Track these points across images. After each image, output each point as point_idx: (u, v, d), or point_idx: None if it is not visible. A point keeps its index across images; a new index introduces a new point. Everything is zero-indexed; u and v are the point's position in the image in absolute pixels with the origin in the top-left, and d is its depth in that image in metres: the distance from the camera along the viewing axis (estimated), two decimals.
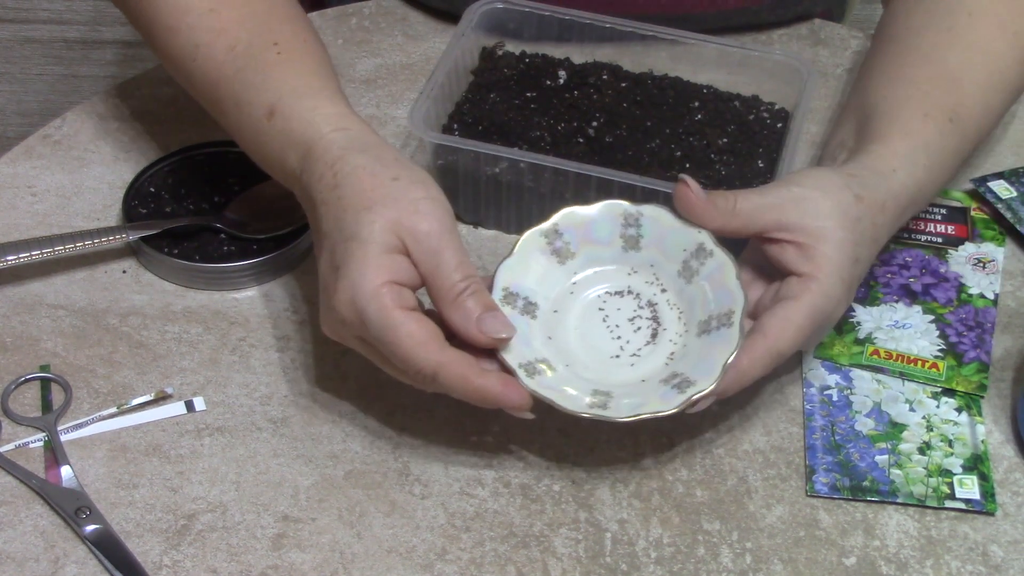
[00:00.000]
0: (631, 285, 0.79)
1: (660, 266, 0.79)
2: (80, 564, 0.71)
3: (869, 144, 0.82)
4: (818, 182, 0.78)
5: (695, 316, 0.77)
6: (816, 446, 0.78)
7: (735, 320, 0.74)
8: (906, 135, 0.83)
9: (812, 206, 0.76)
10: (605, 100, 0.92)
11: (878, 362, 0.82)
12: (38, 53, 1.80)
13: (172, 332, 0.83)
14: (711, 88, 0.94)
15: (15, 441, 0.77)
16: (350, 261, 0.72)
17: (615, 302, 0.79)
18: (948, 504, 0.75)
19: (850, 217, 0.77)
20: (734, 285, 0.76)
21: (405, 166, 0.75)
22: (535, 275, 0.78)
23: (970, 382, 0.81)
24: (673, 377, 0.74)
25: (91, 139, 0.95)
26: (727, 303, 0.76)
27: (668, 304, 0.78)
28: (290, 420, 0.78)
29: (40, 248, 0.83)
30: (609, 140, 0.89)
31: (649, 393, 0.73)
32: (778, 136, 0.91)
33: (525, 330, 0.76)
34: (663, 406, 0.72)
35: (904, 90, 0.85)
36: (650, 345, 0.77)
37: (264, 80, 0.80)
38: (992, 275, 0.88)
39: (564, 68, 0.94)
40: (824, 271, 0.75)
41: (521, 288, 0.77)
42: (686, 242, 0.78)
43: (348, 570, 0.71)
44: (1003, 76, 0.88)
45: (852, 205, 0.77)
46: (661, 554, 0.73)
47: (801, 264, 0.76)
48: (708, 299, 0.77)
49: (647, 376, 0.75)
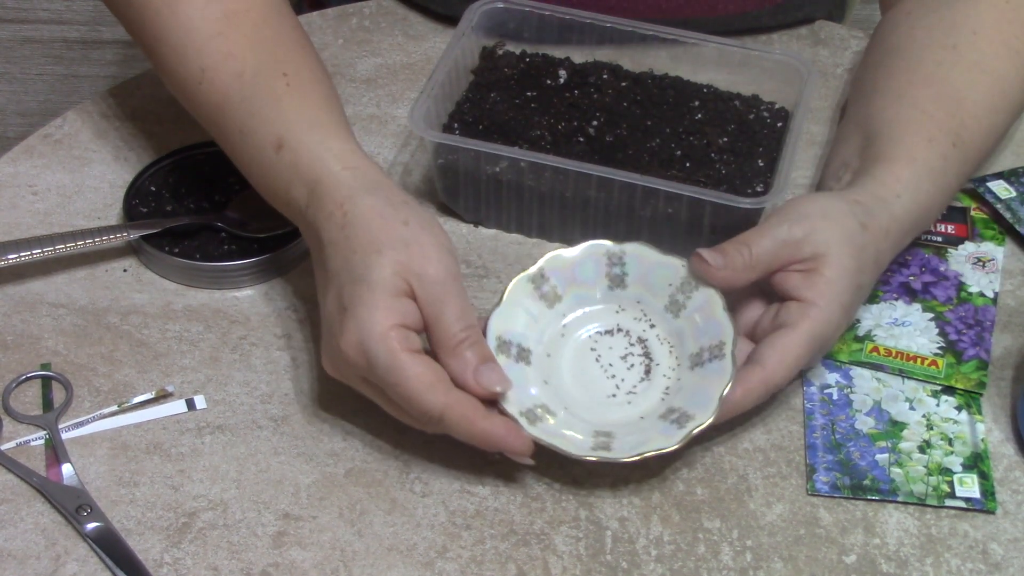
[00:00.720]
0: (620, 323, 0.80)
1: (647, 302, 0.80)
2: (81, 562, 0.71)
3: (873, 167, 0.83)
4: (824, 210, 0.78)
5: (686, 349, 0.78)
6: (816, 445, 0.78)
7: (726, 352, 0.75)
8: (910, 160, 0.83)
9: (820, 236, 0.77)
10: (605, 99, 0.92)
11: (877, 359, 0.82)
12: (38, 53, 1.80)
13: (173, 331, 0.83)
14: (711, 88, 0.94)
15: (16, 439, 0.77)
16: (358, 304, 0.72)
17: (606, 341, 0.80)
18: (948, 503, 0.75)
19: (855, 245, 0.77)
20: (722, 317, 0.77)
21: (415, 210, 0.76)
22: (525, 321, 0.79)
23: (969, 379, 0.81)
24: (671, 412, 0.75)
25: (92, 138, 0.95)
26: (717, 335, 0.77)
27: (658, 339, 0.79)
28: (291, 418, 0.79)
29: (41, 247, 0.83)
30: (609, 139, 0.89)
31: (649, 430, 0.75)
32: (778, 135, 0.91)
33: (522, 377, 0.77)
34: (665, 442, 0.73)
35: (908, 111, 0.85)
36: (645, 381, 0.78)
37: (272, 111, 0.80)
38: (992, 274, 0.88)
39: (564, 68, 0.94)
40: (825, 298, 0.76)
41: (513, 335, 0.78)
42: (671, 276, 0.79)
43: (349, 568, 0.72)
44: (1006, 96, 0.88)
45: (858, 233, 0.78)
46: (661, 552, 0.73)
47: (803, 290, 0.76)
48: (698, 331, 0.78)
49: (645, 413, 0.77)
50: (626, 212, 0.85)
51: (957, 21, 0.89)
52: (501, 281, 0.86)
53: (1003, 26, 0.89)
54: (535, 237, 0.90)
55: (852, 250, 0.77)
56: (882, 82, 0.89)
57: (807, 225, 0.77)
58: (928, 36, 0.89)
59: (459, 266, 0.75)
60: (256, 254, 0.85)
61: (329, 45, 1.04)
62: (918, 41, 0.89)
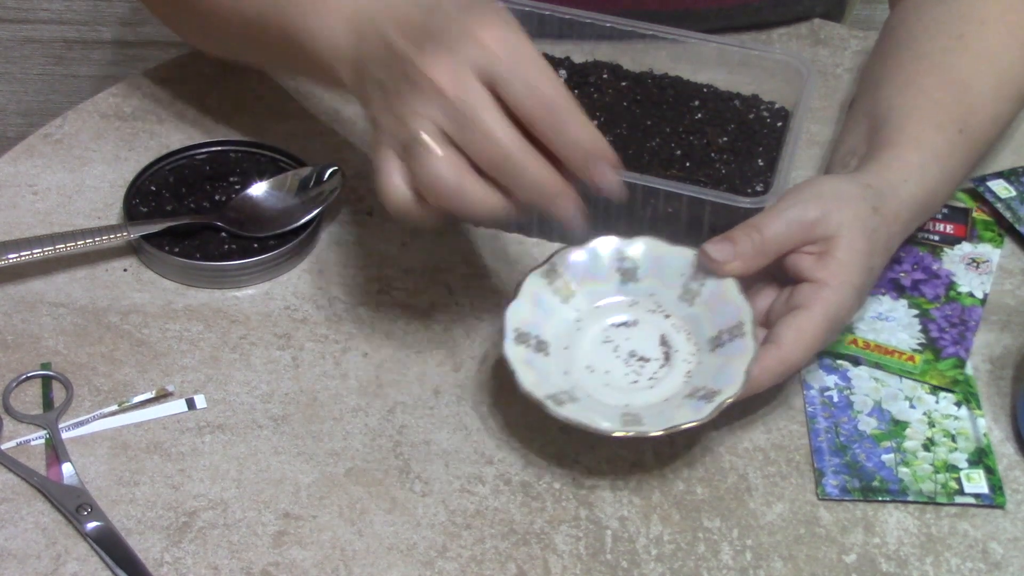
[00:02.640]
0: (635, 316, 0.80)
1: (660, 294, 0.80)
2: (81, 561, 0.71)
3: (880, 152, 0.83)
4: (837, 192, 0.78)
5: (704, 334, 0.78)
6: (823, 448, 0.78)
7: (747, 330, 0.76)
8: (918, 146, 0.83)
9: (833, 218, 0.77)
10: (605, 99, 0.92)
11: (855, 351, 0.82)
12: (38, 53, 1.80)
13: (173, 330, 0.83)
14: (711, 87, 0.94)
15: (16, 438, 0.77)
16: (475, 5, 0.70)
17: (623, 333, 0.80)
18: (958, 500, 0.75)
19: (867, 228, 0.78)
20: (738, 299, 0.77)
21: None
22: (541, 315, 0.79)
23: (944, 376, 0.81)
24: (697, 391, 0.75)
25: (92, 138, 0.95)
26: (735, 316, 0.77)
27: (675, 328, 0.79)
28: (291, 418, 0.79)
29: (41, 246, 0.83)
30: (610, 139, 0.89)
31: (677, 408, 0.75)
32: (778, 135, 0.91)
33: (543, 366, 0.77)
34: (695, 416, 0.73)
35: (915, 99, 0.86)
36: (665, 367, 0.78)
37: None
38: (985, 275, 0.88)
39: (564, 67, 0.94)
40: (839, 279, 0.76)
41: (531, 327, 0.78)
42: (682, 266, 0.79)
43: (349, 567, 0.72)
44: (1013, 85, 0.89)
45: (870, 216, 0.78)
46: (662, 551, 0.73)
47: (816, 271, 0.76)
48: (715, 316, 0.78)
49: (670, 395, 0.76)
50: (626, 212, 0.85)
51: (964, 12, 0.89)
52: (503, 281, 0.86)
53: (1010, 16, 0.89)
54: (535, 237, 0.90)
55: (864, 232, 0.77)
56: (890, 71, 0.89)
57: (821, 206, 0.77)
58: (936, 26, 0.90)
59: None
60: (256, 254, 0.85)
61: None
62: (926, 31, 0.90)
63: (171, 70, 1.01)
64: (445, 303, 0.86)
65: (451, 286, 0.87)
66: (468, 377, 0.81)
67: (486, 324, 0.84)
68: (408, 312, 0.85)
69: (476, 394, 0.80)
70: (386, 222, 0.90)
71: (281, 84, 1.00)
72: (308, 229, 0.87)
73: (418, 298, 0.86)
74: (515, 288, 0.79)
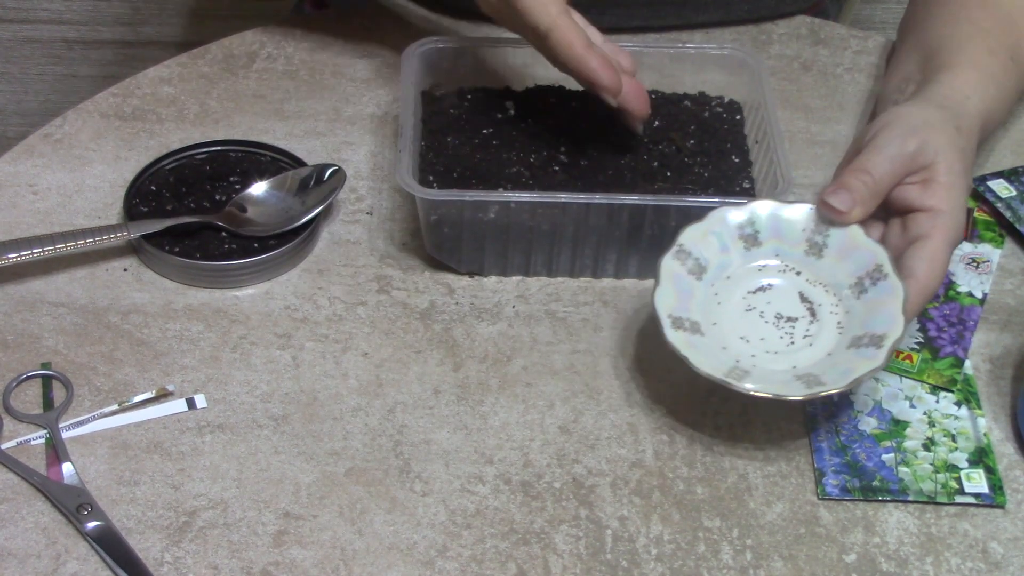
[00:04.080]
0: (768, 280, 0.81)
1: (786, 253, 0.81)
2: (81, 561, 0.71)
3: (939, 74, 0.86)
4: (926, 120, 0.81)
5: (842, 283, 0.79)
6: (823, 448, 0.78)
7: (888, 271, 0.77)
8: (974, 66, 0.87)
9: (930, 145, 0.79)
10: (561, 124, 0.90)
11: None
12: (38, 53, 1.80)
13: (173, 330, 0.83)
14: (658, 92, 0.93)
15: (17, 438, 0.77)
16: None
17: (762, 298, 0.80)
18: (959, 499, 0.75)
19: (958, 148, 0.80)
20: (868, 243, 0.78)
21: None
22: (684, 297, 0.79)
23: (942, 376, 0.82)
24: (859, 339, 0.76)
25: (92, 138, 0.95)
26: (871, 260, 0.78)
27: (809, 283, 0.80)
28: (291, 417, 0.79)
29: (41, 246, 0.83)
30: (584, 163, 0.87)
31: (847, 360, 0.75)
32: (739, 128, 0.91)
33: (705, 347, 0.77)
34: (871, 364, 0.74)
35: (966, 29, 0.90)
36: (815, 323, 0.78)
37: None
38: (984, 275, 0.88)
39: (510, 98, 0.92)
40: (949, 203, 0.78)
41: (680, 311, 0.78)
42: (803, 221, 0.80)
43: (349, 567, 0.72)
44: None
45: (957, 137, 0.81)
46: (662, 551, 0.73)
47: (926, 199, 0.78)
48: (849, 264, 0.79)
49: (831, 349, 0.77)
50: (634, 233, 0.84)
51: None
52: (503, 280, 0.86)
53: None
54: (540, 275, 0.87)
55: (957, 154, 0.80)
56: (936, 8, 0.93)
57: (917, 137, 0.79)
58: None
59: None
60: (256, 254, 0.85)
61: (329, 45, 1.04)
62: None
63: (171, 70, 1.01)
64: (445, 303, 0.86)
65: (451, 286, 0.87)
66: (468, 377, 0.81)
67: (486, 324, 0.84)
68: (408, 312, 0.85)
69: (476, 394, 0.80)
70: (386, 222, 0.90)
71: (281, 84, 1.00)
72: (308, 229, 0.87)
73: (418, 298, 0.86)
74: (656, 273, 0.79)
